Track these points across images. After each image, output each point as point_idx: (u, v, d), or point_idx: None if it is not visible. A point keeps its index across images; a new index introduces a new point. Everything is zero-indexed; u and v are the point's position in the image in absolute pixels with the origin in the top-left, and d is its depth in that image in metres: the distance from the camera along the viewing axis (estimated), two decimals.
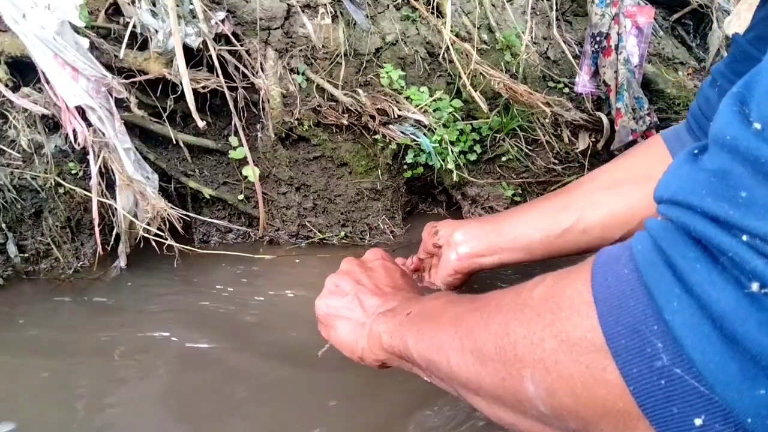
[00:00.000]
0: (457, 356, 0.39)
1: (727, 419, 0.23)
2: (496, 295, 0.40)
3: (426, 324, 0.47)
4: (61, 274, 0.99)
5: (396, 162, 1.14)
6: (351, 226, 1.13)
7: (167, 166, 1.07)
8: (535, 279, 0.37)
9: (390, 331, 0.51)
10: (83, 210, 1.01)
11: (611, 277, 0.29)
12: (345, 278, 0.64)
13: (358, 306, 0.60)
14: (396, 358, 0.52)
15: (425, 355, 0.45)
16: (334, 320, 0.61)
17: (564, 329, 0.30)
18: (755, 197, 0.23)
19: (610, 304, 0.28)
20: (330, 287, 0.65)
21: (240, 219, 1.14)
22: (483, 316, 0.38)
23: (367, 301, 0.60)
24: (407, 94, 1.11)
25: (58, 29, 0.85)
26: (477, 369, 0.37)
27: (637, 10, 1.17)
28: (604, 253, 0.31)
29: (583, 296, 0.30)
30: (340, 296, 0.62)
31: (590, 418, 0.29)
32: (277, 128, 1.06)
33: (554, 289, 0.33)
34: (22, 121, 0.94)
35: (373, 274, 0.65)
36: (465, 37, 1.19)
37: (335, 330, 0.60)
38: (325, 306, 0.63)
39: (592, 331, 0.28)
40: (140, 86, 1.00)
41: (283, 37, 1.08)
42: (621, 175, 0.71)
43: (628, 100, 1.13)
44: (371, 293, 0.61)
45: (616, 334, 0.27)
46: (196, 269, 1.01)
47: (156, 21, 0.96)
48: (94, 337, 0.83)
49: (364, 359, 0.57)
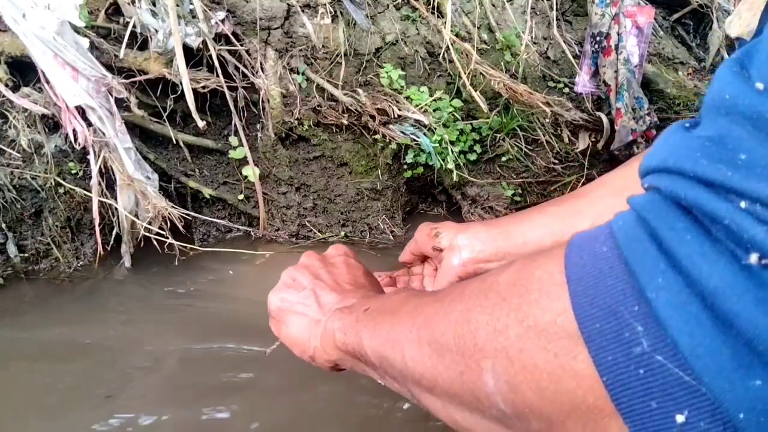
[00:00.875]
0: (412, 349, 0.37)
1: (714, 415, 0.21)
2: (461, 284, 0.37)
3: (383, 318, 0.44)
4: (61, 273, 0.99)
5: (396, 162, 1.14)
6: (351, 226, 1.13)
7: (167, 166, 1.07)
8: (503, 264, 0.35)
9: (345, 328, 0.48)
10: (83, 210, 1.01)
11: (587, 256, 0.26)
12: (303, 272, 0.61)
13: (315, 302, 0.56)
14: (350, 358, 0.49)
15: (379, 351, 0.42)
16: (287, 315, 0.58)
17: (531, 313, 0.27)
18: (756, 158, 0.21)
19: (585, 284, 0.25)
20: (286, 280, 0.61)
21: (240, 219, 1.14)
22: (444, 305, 0.36)
23: (325, 297, 0.56)
24: (407, 94, 1.11)
25: (58, 29, 0.85)
26: (433, 362, 0.34)
27: (637, 10, 1.17)
28: (578, 235, 0.29)
29: (554, 277, 0.27)
30: (297, 290, 0.59)
31: (556, 416, 0.26)
32: (277, 128, 1.06)
33: (523, 272, 0.30)
34: (22, 121, 0.94)
35: (333, 269, 0.62)
36: (465, 37, 1.19)
37: (287, 326, 0.57)
38: (278, 300, 0.59)
39: (562, 315, 0.25)
40: (140, 86, 1.00)
41: (283, 37, 1.08)
42: (632, 180, 0.68)
43: (628, 100, 1.13)
44: (329, 289, 0.57)
45: (590, 317, 0.24)
46: (197, 268, 1.01)
47: (156, 21, 0.96)
48: (94, 337, 0.83)
49: (316, 359, 0.54)
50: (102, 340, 0.82)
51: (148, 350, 0.80)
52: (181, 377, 0.76)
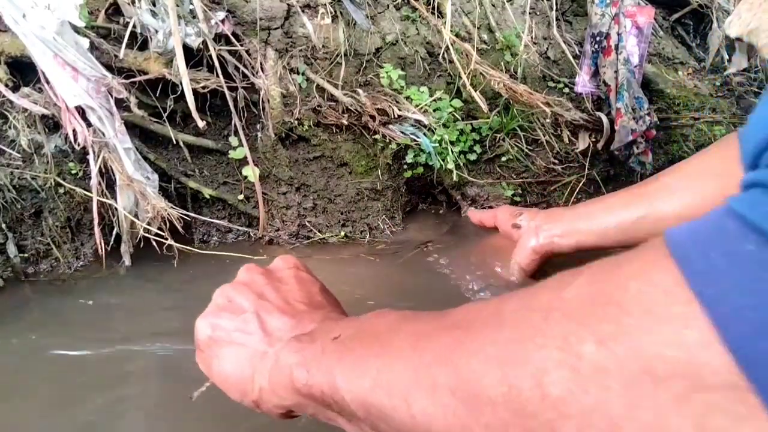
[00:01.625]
0: (424, 398, 0.27)
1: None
2: (485, 304, 0.29)
3: (366, 350, 0.33)
4: (61, 274, 0.99)
5: (396, 162, 1.14)
6: (351, 226, 1.13)
7: (167, 166, 1.07)
8: (550, 278, 0.26)
9: (306, 363, 0.36)
10: (83, 210, 1.01)
11: (722, 260, 0.19)
12: (243, 290, 0.48)
13: (258, 328, 0.43)
14: (313, 404, 0.37)
15: (365, 398, 0.31)
16: (220, 348, 0.44)
17: (640, 348, 0.19)
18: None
19: (736, 303, 0.18)
20: (219, 302, 0.48)
21: (240, 219, 1.15)
22: (470, 333, 0.27)
23: (272, 321, 0.44)
24: (407, 94, 1.11)
25: (58, 29, 0.85)
26: (462, 419, 0.24)
27: (637, 10, 1.17)
28: (683, 229, 0.22)
29: (671, 291, 0.19)
30: (234, 314, 0.46)
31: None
32: (277, 128, 1.06)
33: (604, 286, 0.22)
34: (22, 121, 0.94)
35: (282, 286, 0.49)
36: (465, 37, 1.19)
37: (220, 361, 0.44)
38: (209, 327, 0.46)
39: (705, 349, 0.18)
40: (140, 86, 1.00)
41: (283, 37, 1.08)
42: (696, 170, 0.73)
43: (628, 100, 1.13)
44: (278, 311, 0.45)
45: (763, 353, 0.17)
46: (197, 269, 1.01)
47: (156, 21, 0.96)
48: (94, 338, 0.83)
49: (261, 404, 0.41)
50: (101, 340, 0.82)
51: (148, 351, 0.80)
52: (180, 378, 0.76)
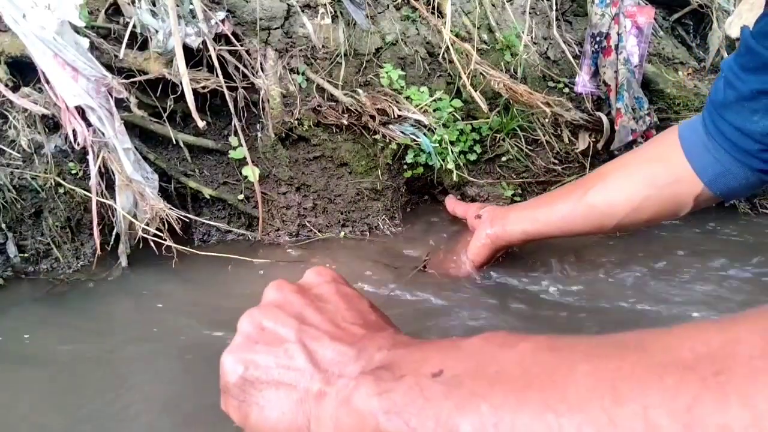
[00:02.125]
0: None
1: None
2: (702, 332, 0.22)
3: (512, 397, 0.23)
4: (61, 274, 0.99)
5: (396, 162, 1.14)
6: (351, 226, 1.13)
7: (167, 166, 1.07)
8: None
9: (399, 410, 0.27)
10: (83, 210, 1.01)
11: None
12: (277, 315, 0.38)
13: (307, 362, 0.34)
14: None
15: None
16: (259, 391, 0.35)
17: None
18: None
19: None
20: (249, 331, 0.39)
21: (240, 219, 1.14)
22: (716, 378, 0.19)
23: (324, 352, 0.34)
24: (407, 94, 1.11)
25: (58, 29, 0.85)
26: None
27: (637, 10, 1.17)
28: None
29: None
30: (271, 346, 0.36)
31: None
32: (277, 128, 1.06)
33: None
34: (22, 121, 0.94)
35: (325, 306, 0.39)
36: (465, 37, 1.19)
37: (261, 409, 0.34)
38: (240, 365, 0.36)
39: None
40: (140, 86, 1.00)
41: (283, 37, 1.08)
42: (630, 158, 0.82)
43: (628, 100, 1.13)
44: (329, 338, 0.35)
45: None
46: (196, 269, 1.01)
47: (156, 21, 0.96)
48: (94, 338, 0.83)
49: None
50: (100, 340, 0.82)
51: (148, 352, 0.80)
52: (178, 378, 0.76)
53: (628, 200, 0.77)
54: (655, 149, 0.79)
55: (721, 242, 1.13)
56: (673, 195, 0.75)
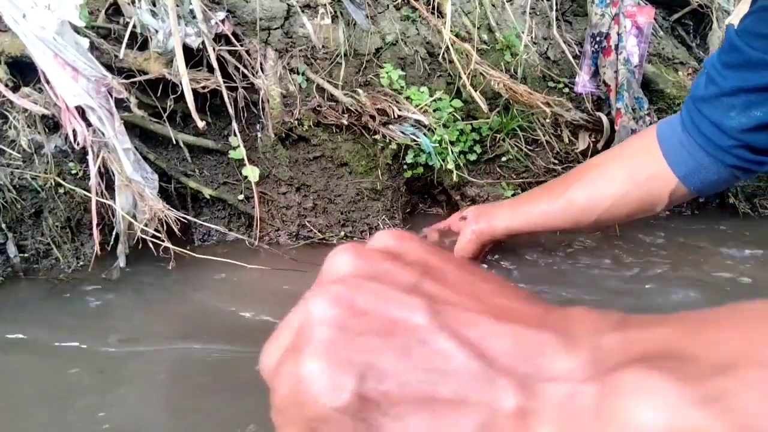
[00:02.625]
0: None
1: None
2: None
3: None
4: (61, 274, 0.98)
5: (396, 162, 1.14)
6: (351, 226, 1.13)
7: (167, 166, 1.07)
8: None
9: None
10: (83, 210, 1.01)
11: None
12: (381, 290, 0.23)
13: (472, 359, 0.20)
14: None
15: None
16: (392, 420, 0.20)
17: None
18: None
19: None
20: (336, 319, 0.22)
21: (240, 219, 1.14)
22: None
23: (493, 340, 0.21)
24: (407, 94, 1.11)
25: (58, 29, 0.85)
26: None
27: (637, 10, 1.17)
28: None
29: None
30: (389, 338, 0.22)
31: None
32: (277, 128, 1.06)
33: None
34: (22, 121, 0.94)
35: (444, 277, 0.25)
36: (465, 37, 1.19)
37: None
38: (351, 375, 0.21)
39: None
40: (140, 86, 1.00)
41: (283, 37, 1.08)
42: (608, 157, 0.84)
43: (628, 100, 1.13)
44: (494, 318, 0.22)
45: None
46: (195, 270, 1.01)
47: (156, 21, 0.96)
48: (93, 338, 0.83)
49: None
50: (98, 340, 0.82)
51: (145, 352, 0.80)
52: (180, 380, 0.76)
53: (608, 196, 0.78)
54: (634, 146, 0.81)
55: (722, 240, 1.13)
56: (649, 190, 0.76)
